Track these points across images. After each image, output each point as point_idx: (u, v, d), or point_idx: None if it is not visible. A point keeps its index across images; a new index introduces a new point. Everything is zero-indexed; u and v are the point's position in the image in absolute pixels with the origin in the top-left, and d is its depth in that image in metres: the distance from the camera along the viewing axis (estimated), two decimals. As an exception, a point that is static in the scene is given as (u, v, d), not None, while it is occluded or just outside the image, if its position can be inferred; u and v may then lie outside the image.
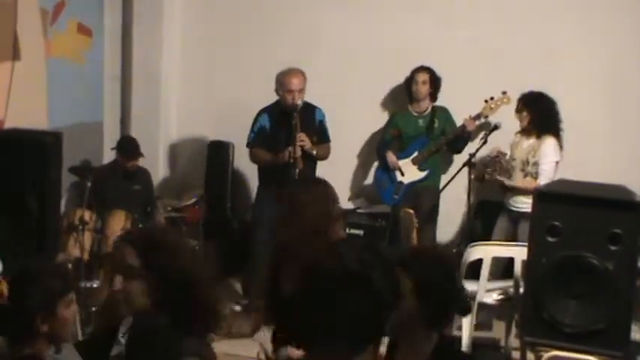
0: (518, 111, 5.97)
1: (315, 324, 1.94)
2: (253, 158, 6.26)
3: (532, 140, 5.93)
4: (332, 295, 1.91)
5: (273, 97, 6.12)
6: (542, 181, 5.70)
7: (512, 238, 5.73)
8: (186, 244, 2.66)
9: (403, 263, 2.62)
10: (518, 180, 5.92)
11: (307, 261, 2.02)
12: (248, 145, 6.22)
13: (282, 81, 6.02)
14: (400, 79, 6.74)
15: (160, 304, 2.47)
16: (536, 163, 5.86)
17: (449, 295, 2.61)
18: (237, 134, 6.62)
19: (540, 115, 5.89)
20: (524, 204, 5.72)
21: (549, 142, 5.88)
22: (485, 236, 5.97)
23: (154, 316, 2.47)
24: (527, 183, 5.79)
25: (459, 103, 6.49)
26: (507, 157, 6.02)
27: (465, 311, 2.99)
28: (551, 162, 5.86)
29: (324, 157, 6.15)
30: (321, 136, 6.17)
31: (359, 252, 1.98)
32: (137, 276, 2.47)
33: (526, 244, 4.48)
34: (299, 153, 5.85)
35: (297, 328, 1.99)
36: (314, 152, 6.01)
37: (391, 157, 6.51)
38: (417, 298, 2.56)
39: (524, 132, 5.98)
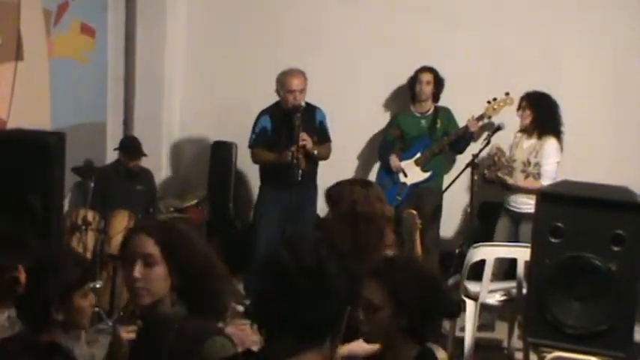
0: (521, 109, 5.96)
1: (268, 316, 1.95)
2: (255, 158, 6.27)
3: (533, 140, 5.93)
4: (285, 289, 1.91)
5: (276, 97, 6.12)
6: (545, 181, 5.70)
7: (513, 238, 5.73)
8: (197, 233, 2.69)
9: (377, 272, 2.63)
10: (519, 180, 5.91)
11: (269, 255, 2.03)
12: (249, 146, 6.25)
13: (282, 81, 6.02)
14: (401, 79, 6.74)
15: (178, 291, 2.50)
16: (537, 164, 5.86)
17: (425, 303, 2.60)
18: (240, 134, 6.63)
19: (544, 114, 5.89)
20: (524, 204, 5.73)
21: (551, 142, 5.88)
22: (488, 237, 5.96)
23: (175, 302, 2.50)
24: (530, 183, 5.79)
25: (461, 103, 6.49)
26: (507, 156, 6.02)
27: (453, 315, 2.97)
28: (553, 163, 5.86)
29: (326, 157, 6.15)
30: (321, 136, 6.17)
31: (316, 247, 1.96)
32: (158, 262, 2.48)
33: (528, 244, 4.48)
34: (302, 153, 5.86)
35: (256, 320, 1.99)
36: (315, 152, 6.01)
37: (395, 161, 6.50)
38: (392, 306, 2.57)
39: (526, 131, 5.97)
